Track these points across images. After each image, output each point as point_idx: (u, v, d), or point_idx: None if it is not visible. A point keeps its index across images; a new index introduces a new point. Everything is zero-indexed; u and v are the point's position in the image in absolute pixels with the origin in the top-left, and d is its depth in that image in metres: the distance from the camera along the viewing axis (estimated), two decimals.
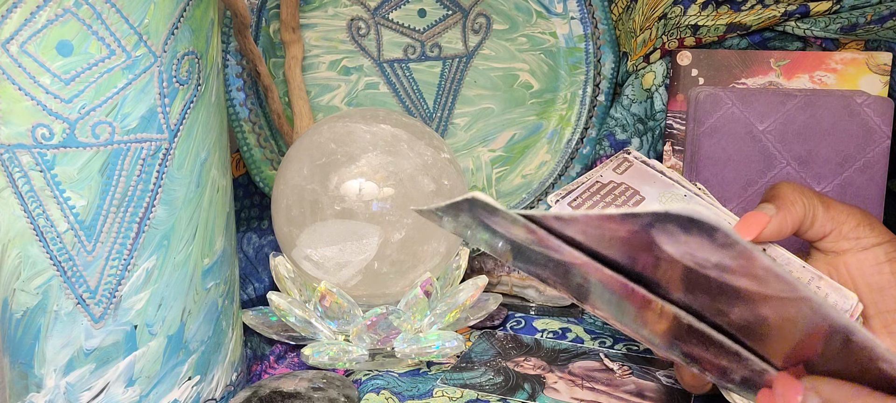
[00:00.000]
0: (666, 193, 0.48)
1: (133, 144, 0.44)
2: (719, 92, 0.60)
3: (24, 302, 0.45)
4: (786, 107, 0.59)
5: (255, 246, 0.69)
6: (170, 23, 0.44)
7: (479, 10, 0.73)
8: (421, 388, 0.53)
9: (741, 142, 0.60)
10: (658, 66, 0.69)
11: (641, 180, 0.48)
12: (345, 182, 0.55)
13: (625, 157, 0.51)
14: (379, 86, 0.73)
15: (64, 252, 0.44)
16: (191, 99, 0.46)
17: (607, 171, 0.50)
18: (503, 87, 0.74)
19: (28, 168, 0.43)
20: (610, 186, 0.47)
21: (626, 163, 0.50)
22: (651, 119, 0.69)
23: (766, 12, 0.63)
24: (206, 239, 0.48)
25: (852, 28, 0.61)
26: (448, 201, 0.32)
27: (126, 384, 0.46)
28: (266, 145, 0.72)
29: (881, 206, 0.59)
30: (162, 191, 0.45)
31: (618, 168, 0.50)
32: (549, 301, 0.67)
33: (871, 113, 0.58)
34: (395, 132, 0.57)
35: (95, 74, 0.42)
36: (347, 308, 0.55)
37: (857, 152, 0.58)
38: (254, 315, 0.61)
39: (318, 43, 0.72)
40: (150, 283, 0.46)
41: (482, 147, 0.75)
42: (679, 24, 0.66)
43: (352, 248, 0.55)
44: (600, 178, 0.49)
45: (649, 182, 0.48)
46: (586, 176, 0.50)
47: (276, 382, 0.51)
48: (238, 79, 0.70)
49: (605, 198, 0.47)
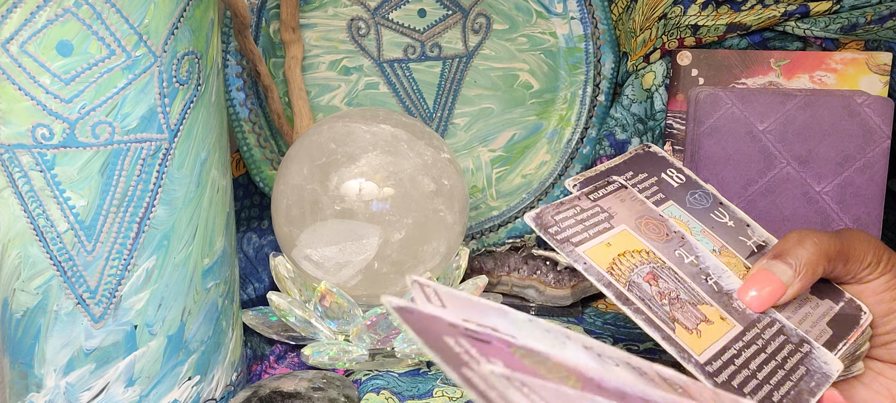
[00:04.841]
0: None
1: (133, 144, 0.44)
2: (719, 92, 0.60)
3: (24, 302, 0.45)
4: (786, 107, 0.59)
5: (255, 246, 0.69)
6: (170, 23, 0.44)
7: (479, 10, 0.73)
8: (421, 388, 0.53)
9: (741, 142, 0.60)
10: (658, 66, 0.69)
11: (627, 209, 0.47)
12: (345, 182, 0.55)
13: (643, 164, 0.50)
14: (379, 86, 0.73)
15: (64, 252, 0.44)
16: (191, 99, 0.46)
17: (621, 166, 0.50)
18: (503, 87, 0.74)
19: (28, 168, 0.43)
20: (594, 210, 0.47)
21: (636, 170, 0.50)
22: (651, 119, 0.69)
23: (766, 12, 0.63)
24: (206, 240, 0.48)
25: (852, 28, 0.61)
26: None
27: (126, 384, 0.46)
28: (266, 145, 0.72)
29: (881, 206, 0.59)
30: (162, 191, 0.45)
31: (632, 173, 0.50)
32: (549, 301, 0.67)
33: (871, 113, 0.58)
34: (395, 132, 0.57)
35: (95, 74, 0.42)
36: (347, 308, 0.55)
37: (857, 152, 0.58)
38: (254, 315, 0.61)
39: (318, 43, 0.72)
40: (150, 283, 0.46)
41: (482, 147, 0.75)
42: (679, 24, 0.66)
43: (352, 248, 0.55)
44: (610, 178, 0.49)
45: (630, 208, 0.48)
46: (606, 164, 0.50)
47: (276, 382, 0.51)
48: (238, 79, 0.70)
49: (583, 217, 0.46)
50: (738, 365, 0.39)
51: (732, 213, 0.49)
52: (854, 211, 0.59)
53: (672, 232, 0.46)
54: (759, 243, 0.47)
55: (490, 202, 0.75)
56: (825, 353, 0.41)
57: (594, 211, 0.45)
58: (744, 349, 0.40)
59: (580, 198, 0.46)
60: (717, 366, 0.39)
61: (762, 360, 0.40)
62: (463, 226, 0.60)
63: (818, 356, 0.41)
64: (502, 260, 0.68)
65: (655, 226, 0.46)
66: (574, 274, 0.66)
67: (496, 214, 0.75)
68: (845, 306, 0.43)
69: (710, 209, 0.49)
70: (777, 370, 0.39)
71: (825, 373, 0.40)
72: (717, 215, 0.48)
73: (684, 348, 0.39)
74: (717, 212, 0.49)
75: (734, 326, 0.41)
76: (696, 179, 0.50)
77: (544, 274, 0.66)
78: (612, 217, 0.45)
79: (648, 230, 0.45)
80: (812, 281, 0.42)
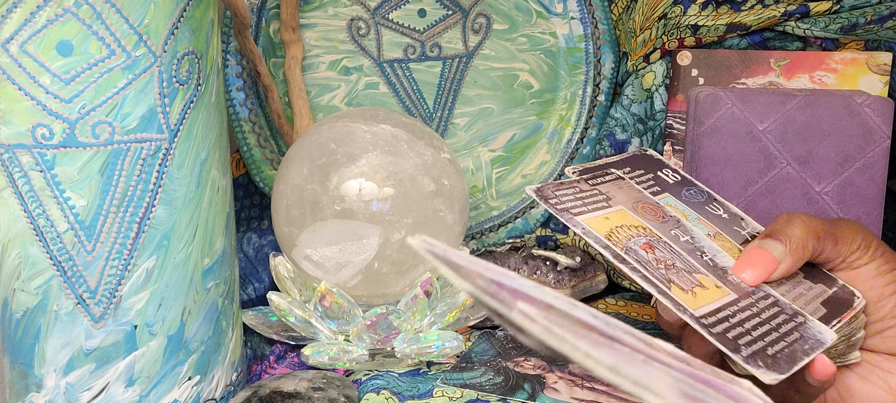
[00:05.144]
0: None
1: (133, 144, 0.44)
2: (719, 92, 0.60)
3: (24, 302, 0.45)
4: (786, 107, 0.59)
5: (255, 246, 0.69)
6: (170, 23, 0.44)
7: (479, 10, 0.73)
8: (421, 388, 0.53)
9: (741, 142, 0.60)
10: (658, 66, 0.69)
11: (625, 194, 0.48)
12: (345, 182, 0.55)
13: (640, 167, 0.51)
14: (379, 86, 0.73)
15: (64, 252, 0.44)
16: (191, 99, 0.46)
17: (618, 165, 0.50)
18: (503, 87, 0.74)
19: (28, 168, 0.43)
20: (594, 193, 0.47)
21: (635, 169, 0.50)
22: (651, 119, 0.69)
23: (766, 12, 0.63)
24: (206, 240, 0.48)
25: (852, 28, 0.61)
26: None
27: (126, 384, 0.46)
28: (266, 145, 0.72)
29: (881, 206, 0.59)
30: (162, 191, 0.45)
31: (630, 170, 0.50)
32: None
33: (871, 113, 0.58)
34: (395, 132, 0.57)
35: (95, 74, 0.42)
36: (347, 308, 0.55)
37: (857, 152, 0.58)
38: (254, 315, 0.61)
39: (318, 43, 0.72)
40: (150, 283, 0.46)
41: (482, 147, 0.75)
42: (679, 24, 0.66)
43: (352, 248, 0.55)
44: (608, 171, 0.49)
45: (624, 195, 0.48)
46: (604, 160, 0.50)
47: (276, 382, 0.51)
48: (238, 79, 0.70)
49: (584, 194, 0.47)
50: (733, 324, 0.39)
51: (727, 208, 0.49)
52: (854, 212, 0.59)
53: (668, 216, 0.46)
54: (753, 234, 0.48)
55: (490, 202, 0.75)
56: (819, 324, 0.41)
57: (593, 193, 0.46)
58: (738, 312, 0.40)
59: (579, 182, 0.46)
60: (712, 321, 0.39)
61: (756, 323, 0.40)
62: (463, 226, 0.60)
63: (812, 326, 0.41)
64: (502, 261, 0.68)
65: (652, 210, 0.46)
66: (574, 274, 0.66)
67: (496, 214, 0.75)
68: (839, 291, 0.44)
69: (705, 203, 0.50)
70: (771, 332, 0.40)
71: (819, 340, 0.40)
72: (712, 208, 0.49)
73: (680, 302, 0.39)
74: (712, 206, 0.50)
75: (729, 294, 0.41)
76: (692, 179, 0.51)
77: (544, 275, 0.66)
78: (610, 199, 0.46)
79: (645, 212, 0.46)
80: (803, 258, 0.43)
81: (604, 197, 0.46)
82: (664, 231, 0.45)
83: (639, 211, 0.46)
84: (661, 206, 0.47)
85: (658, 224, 0.45)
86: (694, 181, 0.51)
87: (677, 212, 0.47)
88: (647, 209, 0.46)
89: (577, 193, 0.45)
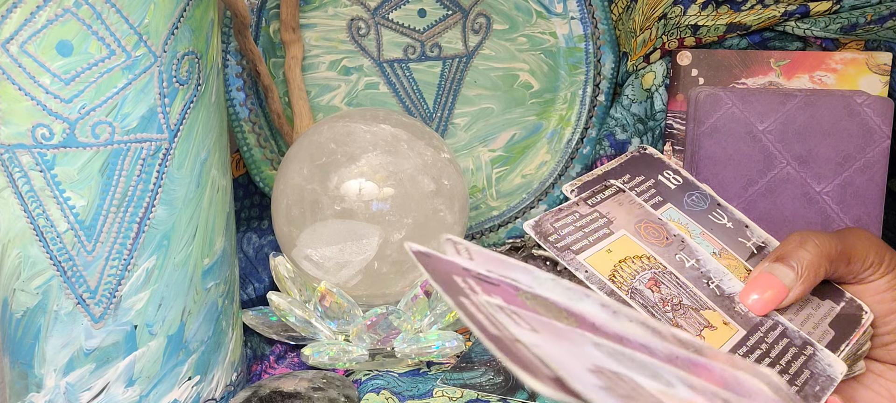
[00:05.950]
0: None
1: (133, 144, 0.44)
2: (719, 92, 0.60)
3: (24, 302, 0.45)
4: (786, 107, 0.59)
5: (255, 246, 0.69)
6: (170, 23, 0.44)
7: (479, 10, 0.73)
8: (421, 388, 0.53)
9: (741, 142, 0.60)
10: (658, 66, 0.69)
11: (626, 213, 0.47)
12: (345, 182, 0.55)
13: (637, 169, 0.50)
14: (379, 86, 0.73)
15: (64, 252, 0.44)
16: (191, 99, 0.46)
17: (616, 170, 0.50)
18: (503, 87, 0.74)
19: (28, 168, 0.43)
20: (593, 216, 0.47)
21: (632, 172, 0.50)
22: (651, 119, 0.69)
23: (766, 12, 0.63)
24: (206, 239, 0.48)
25: (852, 28, 0.61)
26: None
27: (126, 384, 0.46)
28: (266, 145, 0.72)
29: (881, 206, 0.59)
30: (162, 191, 0.45)
31: (627, 177, 0.50)
32: None
33: (871, 113, 0.58)
34: (395, 132, 0.57)
35: (95, 74, 0.42)
36: (347, 308, 0.55)
37: (857, 152, 0.58)
38: (254, 315, 0.61)
39: (318, 43, 0.72)
40: (150, 283, 0.46)
41: (482, 147, 0.75)
42: (679, 24, 0.66)
43: (352, 248, 0.55)
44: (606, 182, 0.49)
45: (627, 213, 0.48)
46: (603, 168, 0.50)
47: (276, 382, 0.51)
48: (238, 79, 0.70)
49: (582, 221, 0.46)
50: None
51: (730, 214, 0.49)
52: (854, 212, 0.59)
53: (672, 235, 0.46)
54: (759, 244, 0.47)
55: (490, 202, 0.75)
56: (829, 355, 0.41)
57: (593, 216, 0.45)
58: (748, 354, 0.40)
59: (578, 204, 0.46)
60: None
61: (767, 364, 0.39)
62: (463, 226, 0.60)
63: (822, 358, 0.40)
64: None
65: (655, 230, 0.46)
66: (574, 275, 0.66)
67: (496, 214, 0.75)
68: (846, 306, 0.43)
69: (708, 210, 0.49)
70: (782, 374, 0.39)
71: (830, 376, 0.40)
72: (716, 216, 0.48)
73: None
74: (716, 214, 0.49)
75: (737, 331, 0.41)
76: (693, 181, 0.50)
77: None
78: (611, 222, 0.45)
79: (648, 234, 0.45)
80: (814, 284, 0.41)
81: (605, 220, 0.45)
82: (668, 257, 0.44)
83: (642, 233, 0.45)
84: (665, 224, 0.47)
85: (662, 248, 0.45)
86: (696, 183, 0.50)
87: (681, 229, 0.47)
88: (650, 229, 0.46)
89: (576, 221, 0.45)
